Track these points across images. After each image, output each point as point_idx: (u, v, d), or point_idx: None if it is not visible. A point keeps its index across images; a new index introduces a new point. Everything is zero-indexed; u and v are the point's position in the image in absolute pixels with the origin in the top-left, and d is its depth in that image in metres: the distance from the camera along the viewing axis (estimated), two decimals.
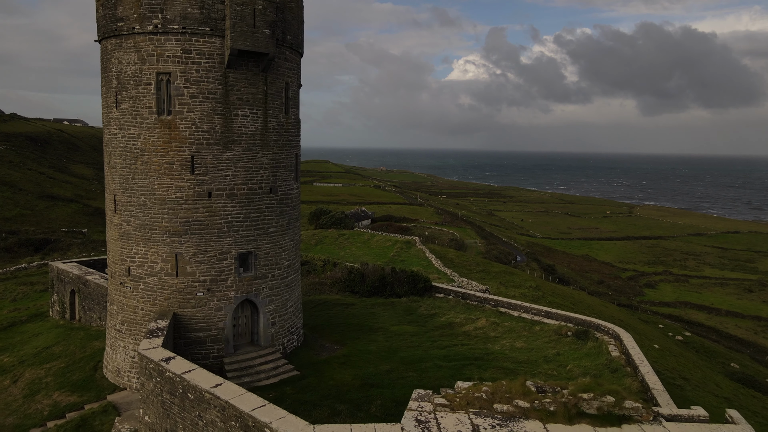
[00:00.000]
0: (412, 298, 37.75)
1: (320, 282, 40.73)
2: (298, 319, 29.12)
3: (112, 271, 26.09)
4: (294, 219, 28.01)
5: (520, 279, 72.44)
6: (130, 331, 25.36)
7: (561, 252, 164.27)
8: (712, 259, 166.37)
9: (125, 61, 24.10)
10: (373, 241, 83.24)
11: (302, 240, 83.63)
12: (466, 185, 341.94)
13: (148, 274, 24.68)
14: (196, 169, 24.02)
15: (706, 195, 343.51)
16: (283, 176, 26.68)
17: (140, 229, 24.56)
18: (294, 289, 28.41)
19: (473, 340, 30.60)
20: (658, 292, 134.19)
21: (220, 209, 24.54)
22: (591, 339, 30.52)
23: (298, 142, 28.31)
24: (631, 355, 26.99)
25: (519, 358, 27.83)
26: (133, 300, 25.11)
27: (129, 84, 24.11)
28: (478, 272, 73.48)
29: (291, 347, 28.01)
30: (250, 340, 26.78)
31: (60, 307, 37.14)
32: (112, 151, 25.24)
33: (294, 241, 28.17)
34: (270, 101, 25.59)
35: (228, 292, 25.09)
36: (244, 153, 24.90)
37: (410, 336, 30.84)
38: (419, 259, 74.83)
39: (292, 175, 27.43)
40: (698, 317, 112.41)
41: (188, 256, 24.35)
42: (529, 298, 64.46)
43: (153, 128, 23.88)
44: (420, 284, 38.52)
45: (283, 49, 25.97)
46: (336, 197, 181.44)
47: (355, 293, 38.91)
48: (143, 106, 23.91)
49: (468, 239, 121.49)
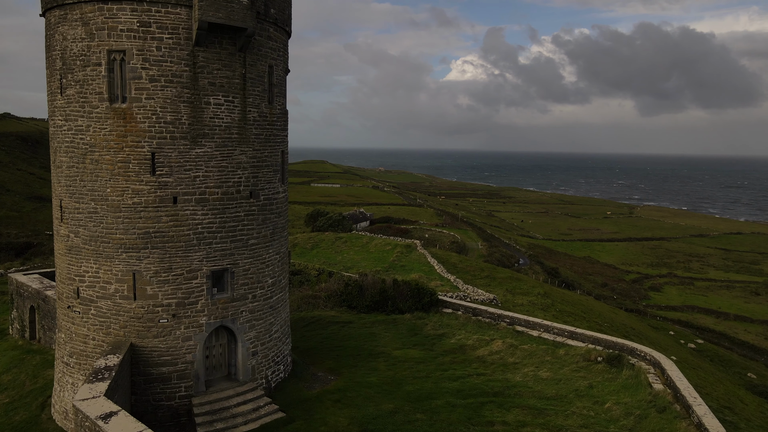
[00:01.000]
0: (417, 314, 33.19)
1: (314, 295, 36.18)
2: (286, 346, 24.53)
3: (60, 292, 21.46)
4: (280, 228, 23.42)
5: (527, 285, 67.94)
6: (79, 365, 20.75)
7: (563, 254, 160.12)
8: (716, 260, 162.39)
9: (71, 37, 19.50)
10: (371, 245, 78.68)
11: (297, 244, 78.94)
12: (464, 185, 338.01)
13: (100, 297, 20.07)
14: (157, 169, 19.43)
15: (706, 196, 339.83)
16: (265, 177, 22.08)
17: (90, 242, 19.95)
18: (280, 310, 23.82)
19: (489, 367, 26.04)
20: (663, 296, 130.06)
21: (188, 218, 19.95)
22: (626, 366, 25.99)
23: (284, 137, 23.74)
24: (680, 389, 22.45)
25: (546, 392, 23.27)
26: (83, 328, 20.49)
27: (75, 65, 19.51)
28: (482, 278, 69.00)
29: (276, 380, 23.42)
30: (226, 374, 22.18)
31: (20, 325, 32.53)
32: (57, 147, 20.63)
33: (280, 254, 23.58)
34: (249, 87, 21.00)
35: (198, 318, 20.50)
36: (218, 149, 20.31)
37: (416, 363, 26.26)
38: (420, 264, 70.32)
39: (277, 177, 22.84)
40: (706, 322, 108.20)
41: (149, 275, 19.76)
42: (538, 307, 60.02)
43: (104, 119, 19.28)
44: (425, 298, 33.96)
45: (265, 24, 21.40)
46: (334, 198, 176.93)
47: (352, 308, 34.34)
48: (92, 91, 19.30)
49: (469, 241, 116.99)
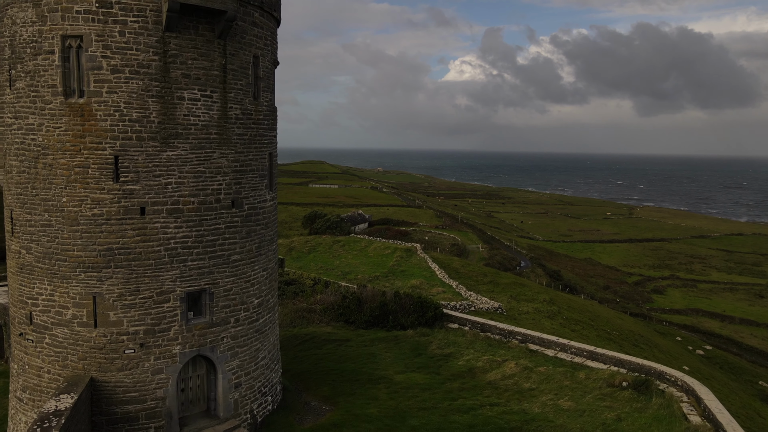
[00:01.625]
0: (421, 330, 30.28)
1: (309, 308, 33.25)
2: (275, 374, 21.60)
3: (12, 317, 18.50)
4: (267, 241, 20.49)
5: (532, 291, 65.10)
6: (32, 402, 17.80)
7: (563, 255, 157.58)
8: (718, 262, 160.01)
9: (20, 21, 16.56)
10: (370, 249, 75.74)
11: (294, 248, 75.98)
12: (463, 186, 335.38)
13: (55, 324, 17.14)
14: (121, 175, 16.51)
15: (706, 196, 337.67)
16: (250, 184, 19.16)
17: (44, 260, 17.02)
18: (268, 334, 20.87)
19: (503, 395, 23.13)
20: (666, 299, 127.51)
21: (158, 231, 17.03)
22: (655, 393, 23.11)
23: (273, 137, 20.82)
24: (722, 425, 19.58)
25: (570, 427, 20.37)
26: (37, 359, 17.56)
27: (25, 53, 16.56)
28: (485, 284, 66.18)
29: (263, 413, 20.50)
30: (204, 409, 19.25)
31: None
32: (6, 149, 17.69)
33: (268, 270, 20.66)
34: (231, 80, 18.09)
35: (171, 348, 17.58)
36: (194, 152, 17.39)
37: (422, 390, 23.34)
38: (421, 269, 67.43)
39: (264, 183, 19.93)
40: (711, 326, 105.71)
41: (112, 299, 16.84)
42: (544, 314, 57.22)
43: (58, 116, 16.34)
44: (429, 312, 31.05)
45: (249, 8, 18.49)
46: (332, 199, 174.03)
47: (350, 324, 31.41)
48: (44, 84, 16.37)
49: (470, 244, 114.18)
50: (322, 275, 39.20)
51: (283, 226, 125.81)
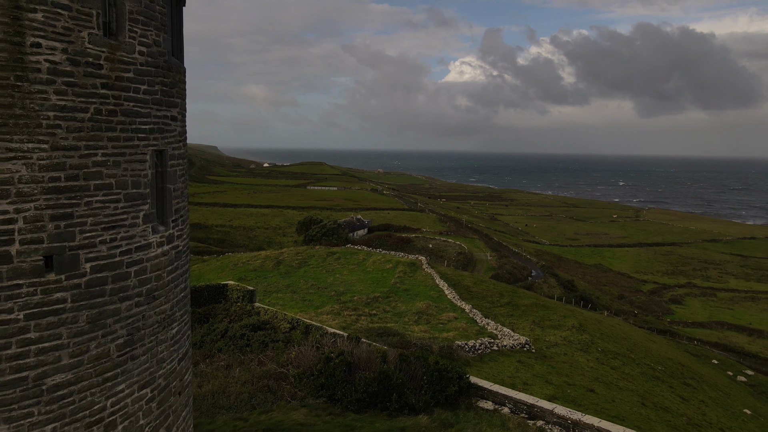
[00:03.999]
0: (440, 413, 19.84)
1: (278, 373, 22.78)
2: None
3: None
4: (164, 324, 10.07)
5: (557, 315, 54.75)
6: None
7: (572, 261, 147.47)
8: (734, 268, 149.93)
9: None
10: (369, 262, 65.45)
11: (282, 261, 65.46)
12: (465, 187, 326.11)
13: None
14: None
15: (712, 198, 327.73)
16: (99, 217, 8.83)
17: None
18: None
19: None
20: (687, 310, 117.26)
21: None
22: None
23: (166, 119, 10.38)
24: None
25: None
26: None
27: None
28: (502, 305, 55.87)
29: None
30: None
31: None
32: None
33: (158, 387, 10.22)
34: None
35: None
36: None
37: None
38: (428, 288, 57.17)
39: (140, 212, 9.55)
40: (739, 340, 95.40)
41: None
42: (575, 347, 46.83)
43: None
44: (452, 387, 20.60)
45: None
46: (330, 202, 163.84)
47: (335, 402, 21.02)
48: None
49: (477, 252, 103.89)
50: (303, 319, 28.78)
51: (276, 232, 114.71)
